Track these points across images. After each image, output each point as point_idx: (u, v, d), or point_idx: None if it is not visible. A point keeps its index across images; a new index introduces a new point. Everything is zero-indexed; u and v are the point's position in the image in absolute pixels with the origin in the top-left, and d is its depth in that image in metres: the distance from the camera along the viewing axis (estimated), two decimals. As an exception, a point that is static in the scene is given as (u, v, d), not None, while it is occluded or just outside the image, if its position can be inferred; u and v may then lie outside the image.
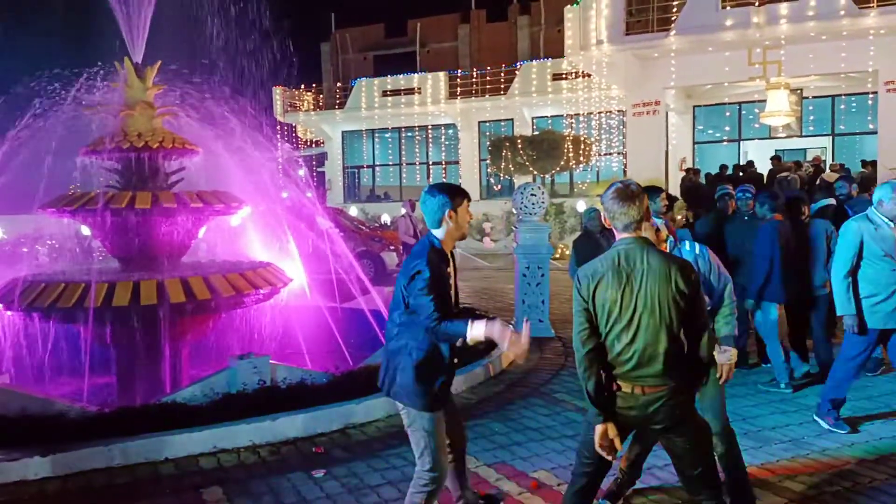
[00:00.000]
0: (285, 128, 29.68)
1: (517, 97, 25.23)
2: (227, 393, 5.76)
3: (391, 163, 29.62)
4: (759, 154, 21.27)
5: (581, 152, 21.78)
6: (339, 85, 30.89)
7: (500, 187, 25.67)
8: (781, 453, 4.89)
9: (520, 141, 21.67)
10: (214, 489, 4.53)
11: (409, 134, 28.78)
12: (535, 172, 21.55)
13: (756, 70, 18.43)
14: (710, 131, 23.52)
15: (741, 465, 4.01)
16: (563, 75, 23.74)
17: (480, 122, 26.91)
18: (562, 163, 21.47)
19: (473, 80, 26.45)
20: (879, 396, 6.11)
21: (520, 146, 21.40)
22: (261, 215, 8.44)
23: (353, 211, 23.95)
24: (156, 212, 6.67)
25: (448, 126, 27.80)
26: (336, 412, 5.60)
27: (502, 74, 26.03)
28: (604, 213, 3.27)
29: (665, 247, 3.81)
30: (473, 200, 3.66)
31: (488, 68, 26.60)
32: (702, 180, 17.66)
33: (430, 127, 28.16)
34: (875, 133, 18.69)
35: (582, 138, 22.26)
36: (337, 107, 29.03)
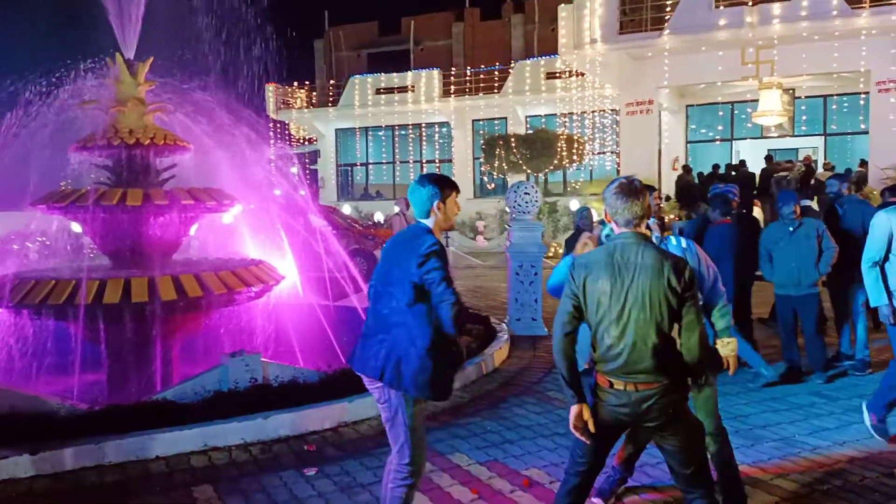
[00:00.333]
0: (278, 125, 29.56)
1: (511, 96, 25.23)
2: (219, 391, 5.73)
3: (384, 161, 29.56)
4: (751, 154, 21.35)
5: (574, 151, 21.82)
6: (332, 82, 30.80)
7: (493, 186, 25.67)
8: (773, 452, 4.91)
9: (513, 139, 21.67)
10: (205, 487, 4.51)
11: (403, 132, 28.75)
12: (529, 171, 21.57)
13: (749, 70, 18.49)
14: (702, 131, 23.57)
15: (733, 463, 4.01)
16: (557, 74, 23.76)
17: (474, 121, 26.90)
18: (555, 161, 21.50)
19: (467, 78, 26.44)
20: (870, 395, 6.12)
21: (513, 145, 21.40)
22: (253, 213, 8.40)
23: (347, 209, 23.92)
24: (147, 209, 6.63)
25: (442, 124, 27.78)
26: (328, 410, 5.58)
27: (496, 73, 26.03)
28: (605, 207, 3.24)
29: None
30: (467, 199, 3.64)
31: (482, 66, 26.59)
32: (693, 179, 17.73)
33: (424, 125, 28.13)
34: (867, 133, 18.78)
35: (575, 137, 22.30)
36: (330, 104, 28.97)
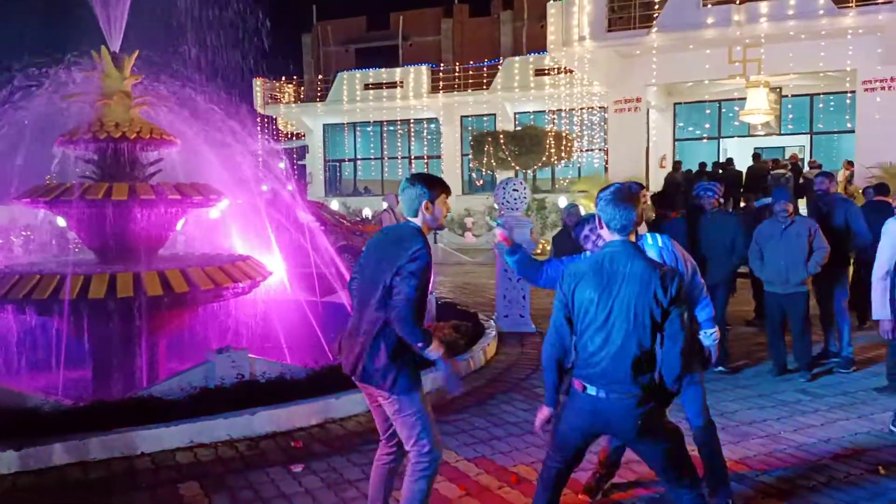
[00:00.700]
0: (266, 120, 29.44)
1: (499, 92, 25.22)
2: (205, 387, 5.71)
3: (373, 157, 29.49)
4: (738, 152, 21.46)
5: (563, 148, 21.85)
6: (320, 77, 30.69)
7: (481, 182, 25.66)
8: (759, 448, 4.94)
9: (502, 136, 21.67)
10: (191, 484, 4.48)
11: (391, 128, 28.69)
12: (517, 168, 21.58)
13: (736, 68, 18.58)
14: (690, 128, 23.68)
15: (720, 456, 4.04)
16: (546, 71, 23.78)
17: (463, 117, 26.88)
18: (544, 158, 21.52)
19: (456, 74, 26.40)
20: (855, 392, 6.19)
21: (502, 141, 21.40)
22: (240, 208, 8.36)
23: (335, 205, 23.85)
24: (133, 203, 6.57)
25: (430, 120, 27.74)
26: (315, 406, 5.57)
27: (485, 69, 26.01)
28: (598, 212, 3.21)
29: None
30: (456, 196, 3.59)
31: (471, 63, 26.57)
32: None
33: (413, 121, 28.08)
34: (853, 132, 18.92)
35: (564, 134, 22.33)
36: (318, 99, 28.85)
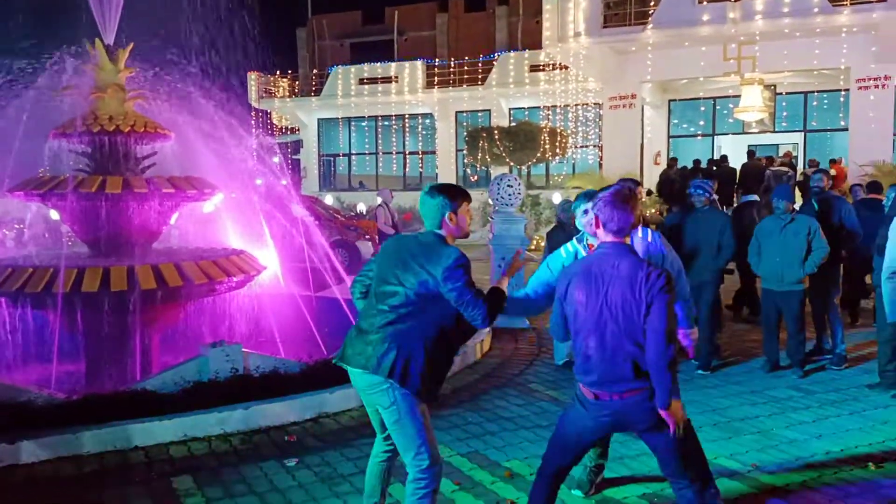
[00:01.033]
0: (260, 114, 29.36)
1: (494, 88, 25.21)
2: (199, 381, 5.70)
3: (367, 151, 29.45)
4: (732, 149, 21.50)
5: (557, 144, 21.84)
6: (315, 72, 30.62)
7: (476, 178, 25.66)
8: (751, 444, 4.96)
9: (497, 132, 21.66)
10: (185, 478, 4.48)
11: (386, 123, 28.65)
12: (512, 164, 21.58)
13: (731, 65, 18.61)
14: (684, 125, 23.72)
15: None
16: (541, 67, 23.76)
17: (457, 113, 26.86)
18: (538, 154, 21.52)
19: (451, 69, 26.37)
20: (847, 389, 6.22)
21: (497, 137, 21.39)
22: (235, 202, 8.34)
23: (329, 199, 23.81)
24: (127, 197, 6.56)
25: (425, 116, 27.71)
26: (309, 401, 5.56)
27: (480, 65, 25.98)
28: (595, 211, 3.22)
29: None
30: None
31: (466, 58, 26.54)
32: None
33: (407, 116, 28.03)
34: (846, 130, 18.98)
35: (558, 130, 22.32)
36: (313, 94, 28.79)
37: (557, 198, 18.18)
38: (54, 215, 7.86)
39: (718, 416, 5.51)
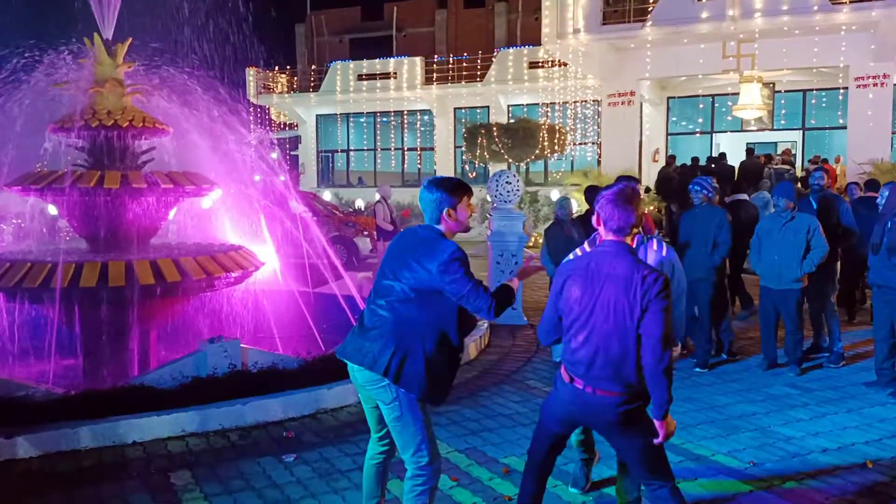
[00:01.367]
0: (258, 110, 29.31)
1: (493, 84, 25.17)
2: (197, 376, 5.70)
3: (366, 148, 29.41)
4: (730, 147, 21.51)
5: (556, 141, 21.84)
6: (313, 67, 30.55)
7: (475, 175, 25.65)
8: (748, 441, 4.97)
9: (495, 128, 21.64)
10: (183, 473, 4.49)
11: (385, 119, 28.61)
12: (510, 160, 21.57)
13: (730, 63, 18.59)
14: (683, 123, 23.71)
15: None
16: (540, 63, 23.72)
17: (456, 109, 26.82)
18: (537, 151, 21.51)
19: (450, 66, 26.33)
20: (844, 387, 6.24)
21: (495, 134, 21.38)
22: (233, 198, 8.33)
23: (327, 195, 23.81)
24: (125, 192, 6.54)
25: (424, 112, 27.67)
26: (307, 397, 5.57)
27: (479, 61, 25.95)
28: (597, 209, 3.19)
29: (632, 241, 3.56)
30: None
31: (465, 54, 26.51)
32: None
33: (406, 112, 27.98)
34: (845, 128, 18.98)
35: (557, 127, 22.31)
36: (311, 90, 28.73)
37: (556, 195, 18.18)
38: (52, 210, 7.85)
39: (716, 414, 5.52)
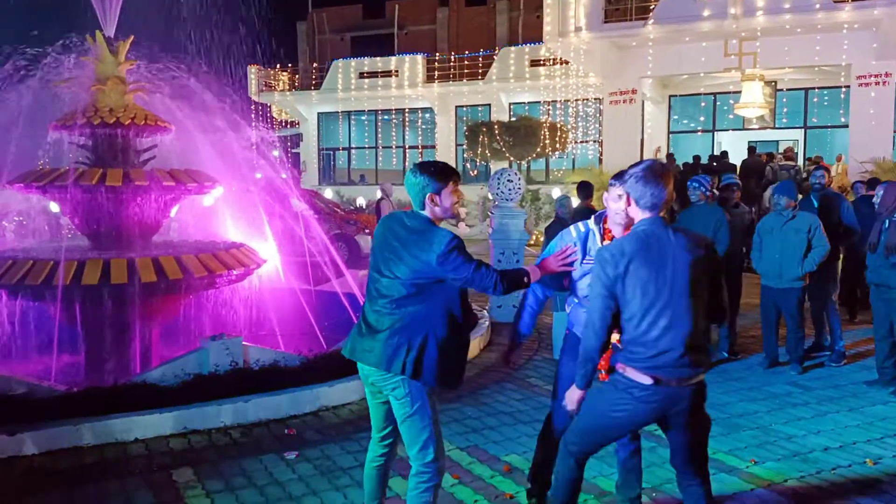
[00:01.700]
0: (260, 107, 29.33)
1: (495, 82, 25.16)
2: (199, 374, 5.71)
3: (367, 146, 29.42)
4: (732, 145, 21.49)
5: (557, 139, 21.83)
6: (315, 65, 30.54)
7: (476, 173, 25.64)
8: (749, 440, 4.97)
9: (497, 126, 21.64)
10: (185, 470, 4.49)
11: (386, 117, 28.61)
12: (512, 158, 21.57)
13: (732, 61, 18.57)
14: (685, 121, 23.69)
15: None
16: (542, 61, 23.72)
17: (457, 107, 26.81)
18: (538, 149, 21.51)
19: (451, 64, 26.31)
20: (845, 385, 6.24)
21: (497, 132, 21.37)
22: (234, 195, 8.34)
23: (328, 193, 23.80)
24: (127, 189, 6.55)
25: (425, 110, 27.66)
26: (309, 394, 5.58)
27: (480, 59, 25.93)
28: (627, 189, 3.06)
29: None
30: None
31: (466, 52, 26.49)
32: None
33: (407, 110, 27.99)
34: (846, 127, 18.96)
35: (559, 125, 22.30)
36: (313, 87, 28.72)
37: (557, 193, 18.16)
38: (54, 208, 7.86)
39: (717, 412, 5.51)
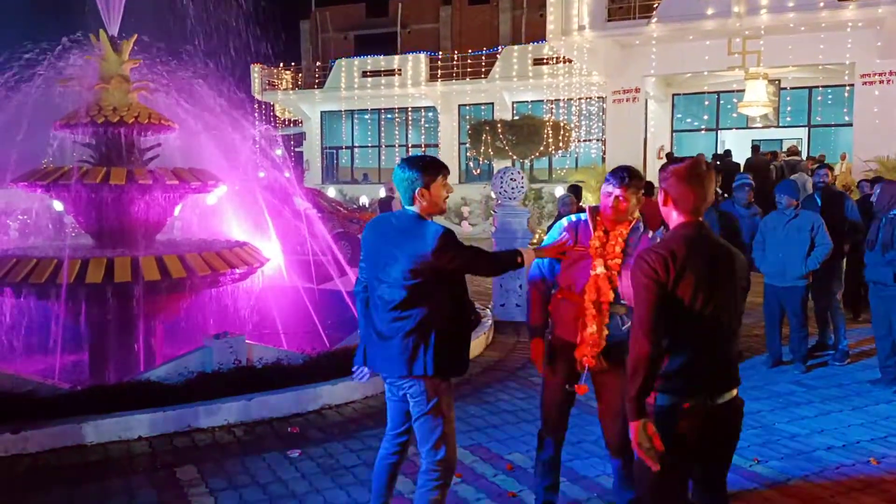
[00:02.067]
0: (263, 106, 29.33)
1: (498, 81, 25.14)
2: (202, 372, 5.72)
3: (370, 144, 29.43)
4: (735, 144, 21.45)
5: (560, 138, 21.80)
6: (318, 64, 30.54)
7: (479, 171, 25.63)
8: (753, 439, 4.96)
9: (500, 125, 21.61)
10: (188, 468, 4.50)
11: (389, 116, 28.60)
12: (515, 157, 21.54)
13: (735, 60, 18.55)
14: (688, 120, 23.66)
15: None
16: (545, 60, 23.70)
17: (460, 106, 26.79)
18: (541, 148, 21.48)
19: (454, 62, 26.29)
20: (849, 384, 6.23)
21: (500, 130, 21.35)
22: (238, 194, 8.35)
23: (332, 192, 23.81)
24: (131, 188, 6.57)
25: (428, 109, 27.66)
26: (312, 393, 5.59)
27: (483, 58, 25.91)
28: (664, 187, 2.69)
29: (628, 226, 3.40)
30: (452, 184, 3.43)
31: (469, 51, 26.47)
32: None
33: (410, 109, 27.99)
34: (850, 125, 18.93)
35: (562, 124, 22.27)
36: (316, 86, 28.72)
37: (560, 191, 18.15)
38: (58, 206, 7.88)
39: (720, 411, 5.51)
